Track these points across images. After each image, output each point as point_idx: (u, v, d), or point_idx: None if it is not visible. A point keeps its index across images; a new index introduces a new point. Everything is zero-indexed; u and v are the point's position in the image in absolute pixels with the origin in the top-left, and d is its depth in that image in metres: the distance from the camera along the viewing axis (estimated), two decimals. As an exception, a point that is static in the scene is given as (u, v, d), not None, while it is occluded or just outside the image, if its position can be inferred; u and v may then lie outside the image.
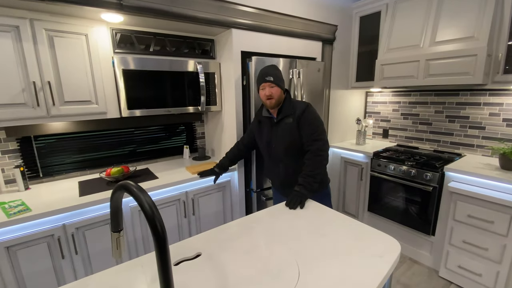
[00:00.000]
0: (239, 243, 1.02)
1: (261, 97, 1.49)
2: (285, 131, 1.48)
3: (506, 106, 1.99)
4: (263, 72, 1.47)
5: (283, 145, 1.50)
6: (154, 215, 0.45)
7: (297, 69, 2.06)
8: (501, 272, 1.65)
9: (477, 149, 2.18)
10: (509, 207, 1.56)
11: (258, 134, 1.64)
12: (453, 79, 1.86)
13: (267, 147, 1.59)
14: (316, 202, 1.38)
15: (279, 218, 1.23)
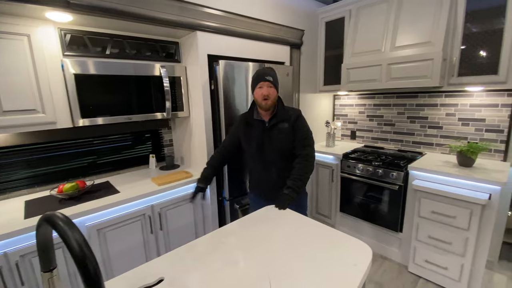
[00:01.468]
0: (208, 262, 0.94)
1: (257, 96, 1.44)
2: (281, 136, 1.48)
3: (461, 106, 2.14)
4: (262, 71, 1.45)
5: (278, 149, 1.50)
6: (85, 256, 0.36)
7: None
8: (465, 264, 1.74)
9: (436, 148, 2.32)
10: (468, 202, 1.65)
11: (245, 138, 1.55)
12: (412, 82, 1.96)
13: (257, 151, 1.52)
14: (289, 210, 1.35)
15: (251, 229, 1.17)
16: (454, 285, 1.82)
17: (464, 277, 1.76)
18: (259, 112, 1.50)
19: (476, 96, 2.04)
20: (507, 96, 1.91)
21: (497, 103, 1.96)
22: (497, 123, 1.97)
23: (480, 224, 1.66)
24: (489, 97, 1.98)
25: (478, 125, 2.06)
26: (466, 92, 2.08)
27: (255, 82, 1.45)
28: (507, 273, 2.03)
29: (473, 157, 1.80)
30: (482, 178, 1.65)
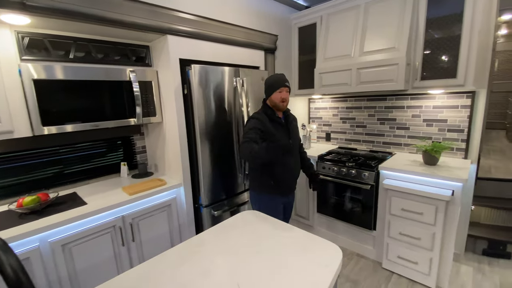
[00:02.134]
0: (176, 276, 0.91)
1: (276, 99, 1.62)
2: (296, 131, 1.81)
3: (425, 108, 2.27)
4: (281, 77, 1.64)
5: (297, 142, 1.81)
6: (21, 284, 0.33)
7: (241, 78, 2.03)
8: (433, 258, 1.82)
9: (404, 148, 2.44)
10: (433, 198, 1.75)
11: (274, 133, 1.62)
12: (380, 86, 2.05)
13: (288, 146, 1.58)
14: (263, 214, 1.34)
15: (224, 237, 1.15)
16: (424, 278, 1.90)
17: (433, 271, 1.85)
18: (274, 112, 1.67)
19: (439, 98, 2.18)
20: (466, 98, 2.05)
21: (457, 105, 2.10)
22: (458, 123, 2.11)
23: (445, 219, 1.76)
24: (450, 99, 2.12)
25: (441, 126, 2.19)
26: (429, 95, 2.21)
27: (275, 86, 1.62)
28: (473, 265, 2.16)
29: (437, 156, 1.91)
30: (445, 175, 1.75)
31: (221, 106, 1.95)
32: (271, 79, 1.65)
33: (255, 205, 1.76)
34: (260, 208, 1.66)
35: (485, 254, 2.25)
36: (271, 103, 1.65)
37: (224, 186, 2.05)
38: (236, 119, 2.05)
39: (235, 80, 1.99)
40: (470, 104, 2.03)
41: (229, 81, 1.97)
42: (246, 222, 1.28)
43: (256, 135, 1.55)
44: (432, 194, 1.74)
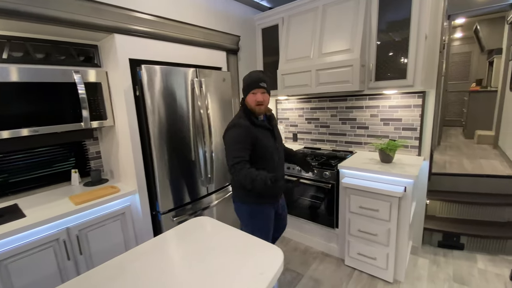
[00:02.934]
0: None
1: (250, 102, 1.46)
2: (279, 133, 1.67)
3: (382, 108, 2.35)
4: (256, 76, 1.46)
5: (281, 144, 1.69)
6: None
7: (199, 79, 1.98)
8: (389, 253, 1.89)
9: (364, 146, 2.52)
10: (388, 195, 1.80)
11: (263, 140, 1.47)
12: (338, 87, 2.09)
13: (276, 150, 1.56)
14: (214, 220, 1.31)
15: (164, 248, 1.10)
16: (383, 273, 1.96)
17: (390, 265, 1.91)
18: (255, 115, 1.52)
19: (394, 98, 2.27)
20: (417, 97, 2.15)
21: (410, 104, 2.19)
22: (411, 122, 2.21)
23: (398, 214, 1.82)
24: (404, 99, 2.22)
25: (397, 125, 2.29)
26: (385, 95, 2.30)
27: (248, 87, 1.45)
28: (429, 257, 2.26)
29: (391, 154, 1.99)
30: (398, 173, 1.82)
31: (179, 108, 1.88)
32: (246, 79, 1.48)
33: (243, 217, 1.60)
34: (249, 220, 1.56)
35: (441, 246, 2.38)
36: (248, 105, 1.47)
37: (184, 191, 1.98)
38: (195, 122, 1.99)
39: (193, 81, 1.93)
40: (421, 104, 2.13)
41: (186, 82, 1.91)
42: (194, 228, 1.24)
43: (246, 152, 1.38)
44: (386, 191, 1.79)
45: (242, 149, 1.38)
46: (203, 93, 2.00)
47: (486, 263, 2.12)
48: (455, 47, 5.69)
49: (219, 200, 2.30)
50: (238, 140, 1.40)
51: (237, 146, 1.39)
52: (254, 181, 1.28)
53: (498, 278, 1.94)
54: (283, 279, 2.08)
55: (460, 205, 2.46)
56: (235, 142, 1.40)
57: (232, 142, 1.41)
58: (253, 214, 1.56)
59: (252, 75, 1.48)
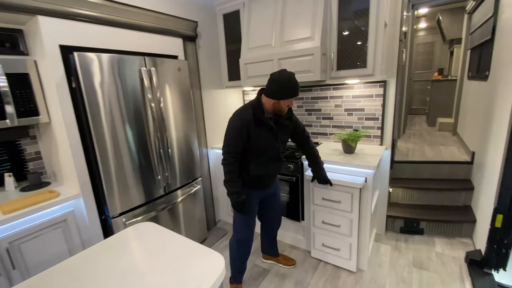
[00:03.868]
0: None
1: (283, 106, 1.49)
2: (287, 131, 1.66)
3: (346, 98, 2.32)
4: (297, 86, 1.46)
5: (284, 143, 1.68)
6: None
7: (148, 68, 1.80)
8: (352, 243, 1.89)
9: (329, 137, 2.50)
10: (349, 187, 1.78)
11: (259, 137, 1.52)
12: (300, 77, 1.99)
13: (272, 148, 1.59)
14: (157, 226, 1.19)
15: (99, 259, 0.97)
16: (346, 263, 1.97)
17: (353, 255, 1.91)
18: (266, 112, 1.52)
19: (356, 88, 2.24)
20: (379, 87, 2.14)
21: (372, 94, 2.18)
22: (373, 111, 2.20)
23: (360, 205, 1.81)
24: (366, 88, 2.20)
25: (360, 115, 2.27)
26: (348, 85, 2.27)
27: (289, 94, 1.45)
28: (391, 243, 2.32)
29: (353, 144, 1.96)
30: (359, 163, 1.80)
31: (127, 101, 1.70)
32: (287, 83, 1.44)
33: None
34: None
35: (403, 232, 2.45)
36: (274, 107, 1.49)
37: (137, 192, 1.82)
38: (148, 116, 1.82)
39: (141, 71, 1.75)
40: (383, 93, 2.12)
41: (135, 72, 1.72)
42: (133, 237, 1.11)
43: (239, 144, 1.49)
44: (347, 182, 1.77)
45: (236, 141, 1.48)
46: (154, 84, 1.83)
47: (443, 246, 2.21)
48: (419, 37, 5.86)
49: (185, 196, 2.18)
50: (234, 131, 1.48)
51: (232, 135, 1.49)
52: (226, 182, 1.51)
53: (454, 260, 2.03)
54: (248, 276, 2.03)
55: (421, 191, 2.53)
56: (232, 131, 1.49)
57: (229, 130, 1.51)
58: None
59: (293, 81, 1.45)
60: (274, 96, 1.46)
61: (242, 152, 1.52)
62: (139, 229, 1.17)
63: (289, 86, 1.44)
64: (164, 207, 2.01)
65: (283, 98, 1.45)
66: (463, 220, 2.28)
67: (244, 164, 1.57)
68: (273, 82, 1.45)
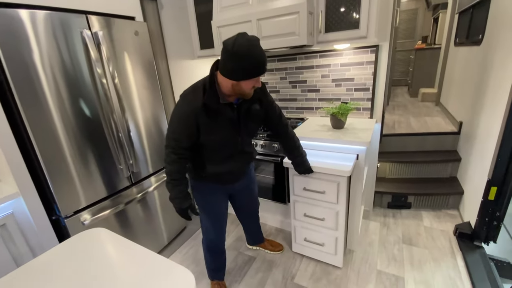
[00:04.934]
0: None
1: (246, 88, 1.06)
2: (255, 120, 1.26)
3: (333, 67, 2.08)
4: (263, 60, 1.01)
5: (251, 135, 1.33)
6: None
7: (95, 31, 1.42)
8: (338, 238, 1.67)
9: (316, 112, 2.28)
10: (335, 175, 1.52)
11: (212, 131, 1.14)
12: (284, 41, 1.72)
13: (230, 142, 1.23)
14: (111, 233, 0.94)
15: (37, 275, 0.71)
16: (332, 258, 1.77)
17: (339, 250, 1.71)
18: (223, 95, 1.10)
19: (345, 54, 1.99)
20: (370, 53, 1.91)
21: (363, 61, 1.95)
22: (364, 81, 1.99)
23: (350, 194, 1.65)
24: (356, 55, 1.96)
25: (349, 85, 2.05)
26: (336, 51, 2.01)
27: (250, 73, 1.01)
28: (380, 219, 2.25)
29: (343, 119, 1.76)
30: (350, 140, 1.61)
31: (68, 76, 1.34)
32: (248, 59, 0.97)
33: (193, 192, 1.41)
34: (197, 198, 1.41)
35: (390, 207, 2.38)
36: (233, 89, 1.06)
37: (95, 185, 1.53)
38: (98, 93, 1.48)
39: (83, 35, 1.38)
40: (374, 60, 1.90)
41: (68, 36, 1.35)
42: (71, 252, 0.86)
43: (183, 135, 1.13)
44: (332, 170, 1.49)
45: (180, 134, 1.14)
46: (104, 53, 1.46)
47: (431, 220, 2.17)
48: (402, 4, 5.61)
49: (160, 182, 1.92)
50: (178, 120, 1.13)
51: (176, 126, 1.14)
52: (168, 184, 1.23)
53: (443, 234, 1.98)
54: (233, 266, 1.87)
55: (408, 165, 2.45)
56: (176, 120, 1.13)
57: (173, 117, 1.14)
58: (199, 192, 1.40)
59: (256, 54, 0.98)
60: (231, 76, 1.02)
61: (191, 147, 1.18)
62: (84, 238, 0.91)
63: (250, 61, 0.97)
64: (133, 198, 1.74)
65: (243, 79, 1.02)
66: (451, 193, 2.24)
67: (198, 160, 1.27)
68: (227, 55, 0.99)
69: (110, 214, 1.63)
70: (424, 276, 1.65)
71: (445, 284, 1.58)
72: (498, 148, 1.62)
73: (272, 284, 1.70)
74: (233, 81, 1.03)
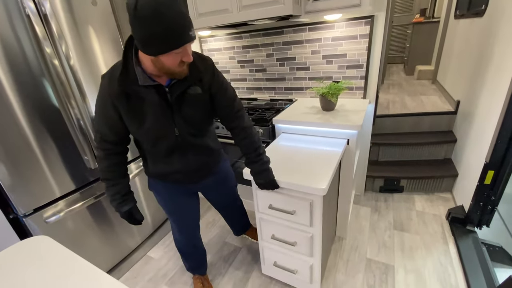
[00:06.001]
0: None
1: (171, 65, 0.81)
2: (195, 104, 0.97)
3: (324, 41, 1.88)
4: (180, 22, 0.73)
5: (194, 124, 1.01)
6: None
7: (39, 0, 1.19)
8: (314, 265, 1.34)
9: (305, 92, 2.11)
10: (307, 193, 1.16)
11: (134, 118, 0.92)
12: (267, 11, 1.51)
13: (164, 133, 0.98)
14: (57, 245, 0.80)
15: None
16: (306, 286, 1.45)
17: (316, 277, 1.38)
18: (147, 74, 0.87)
19: (337, 27, 1.79)
20: (365, 24, 1.71)
21: (356, 34, 1.76)
22: (357, 57, 1.81)
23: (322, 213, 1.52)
24: (349, 27, 1.76)
25: (341, 62, 1.87)
26: (327, 23, 1.81)
27: (167, 43, 0.75)
28: (371, 204, 2.17)
29: (333, 100, 1.60)
30: (340, 123, 1.47)
31: (15, 58, 1.14)
32: (157, 23, 0.70)
33: (150, 189, 1.26)
34: (156, 196, 1.26)
35: (382, 191, 2.30)
36: (155, 67, 0.83)
37: (59, 178, 1.38)
38: (51, 77, 1.28)
39: (24, 5, 1.15)
40: (369, 33, 1.71)
41: (19, 7, 1.12)
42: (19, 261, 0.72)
43: (106, 127, 0.95)
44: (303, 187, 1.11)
45: (101, 122, 0.95)
46: (54, 29, 1.24)
47: (423, 203, 2.10)
48: (401, -27, 5.25)
49: (140, 169, 1.78)
50: (99, 106, 0.94)
51: (96, 113, 0.96)
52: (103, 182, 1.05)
53: (435, 218, 1.92)
54: (217, 258, 1.79)
55: (402, 147, 2.34)
56: (97, 105, 0.94)
57: (96, 102, 0.95)
58: (157, 191, 1.23)
59: (168, 14, 0.70)
60: (143, 49, 0.78)
61: (121, 141, 1.01)
62: (22, 250, 0.77)
63: (161, 26, 0.71)
64: (101, 194, 1.58)
65: (160, 52, 0.77)
66: (444, 175, 2.15)
67: (142, 156, 1.12)
68: (131, 21, 0.73)
69: (82, 208, 1.50)
70: (415, 263, 1.59)
71: (436, 271, 1.52)
72: (499, 130, 1.50)
73: (257, 277, 1.62)
74: (158, 58, 0.79)
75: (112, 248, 1.70)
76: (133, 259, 1.83)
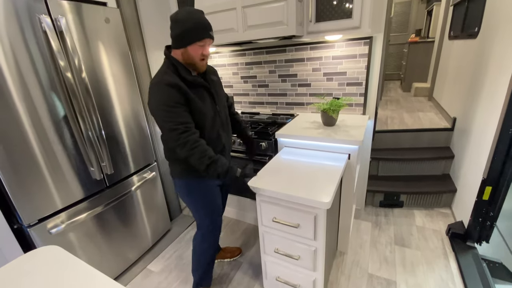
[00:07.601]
0: None
1: (194, 55, 1.10)
2: (221, 90, 1.35)
3: (325, 60, 1.96)
4: (205, 21, 1.08)
5: (222, 102, 1.33)
6: None
7: (55, 17, 1.26)
8: (317, 280, 1.33)
9: (306, 107, 2.17)
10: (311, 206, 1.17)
11: (199, 103, 1.14)
12: (271, 31, 1.59)
13: (217, 116, 1.26)
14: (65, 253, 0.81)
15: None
16: None
17: None
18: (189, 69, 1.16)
19: (338, 47, 1.88)
20: (364, 45, 1.80)
21: (356, 54, 1.84)
22: (356, 75, 1.89)
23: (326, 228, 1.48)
24: (349, 47, 1.84)
25: (341, 79, 1.94)
26: (328, 43, 1.89)
27: (195, 35, 1.07)
28: (371, 219, 2.18)
29: (334, 115, 1.66)
30: (341, 138, 1.51)
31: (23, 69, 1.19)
32: (185, 22, 1.04)
33: (182, 194, 1.36)
34: (188, 198, 1.34)
35: (382, 206, 2.32)
36: (186, 58, 1.11)
37: (63, 190, 1.39)
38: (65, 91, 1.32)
39: (41, 21, 1.21)
40: (368, 52, 1.79)
41: (28, 23, 1.19)
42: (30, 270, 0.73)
43: (187, 118, 1.10)
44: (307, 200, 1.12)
45: (181, 113, 1.08)
46: (68, 43, 1.30)
47: (423, 219, 2.11)
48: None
49: (142, 182, 1.80)
50: (171, 102, 1.06)
51: (173, 109, 1.07)
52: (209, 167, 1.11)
53: (436, 234, 1.93)
54: (219, 272, 1.77)
55: (401, 162, 2.38)
56: (167, 104, 1.06)
57: (162, 105, 1.06)
58: (191, 190, 1.32)
59: (196, 17, 1.06)
60: (178, 44, 1.08)
61: (195, 126, 1.15)
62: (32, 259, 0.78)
63: (191, 22, 1.05)
64: (110, 202, 1.61)
65: (190, 42, 1.06)
66: (443, 191, 2.18)
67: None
68: (172, 25, 1.08)
69: (86, 219, 1.50)
70: (416, 279, 1.58)
71: (438, 287, 1.52)
72: (495, 146, 1.55)
73: None
74: (182, 50, 1.09)
75: (111, 261, 1.69)
76: (132, 272, 1.81)
